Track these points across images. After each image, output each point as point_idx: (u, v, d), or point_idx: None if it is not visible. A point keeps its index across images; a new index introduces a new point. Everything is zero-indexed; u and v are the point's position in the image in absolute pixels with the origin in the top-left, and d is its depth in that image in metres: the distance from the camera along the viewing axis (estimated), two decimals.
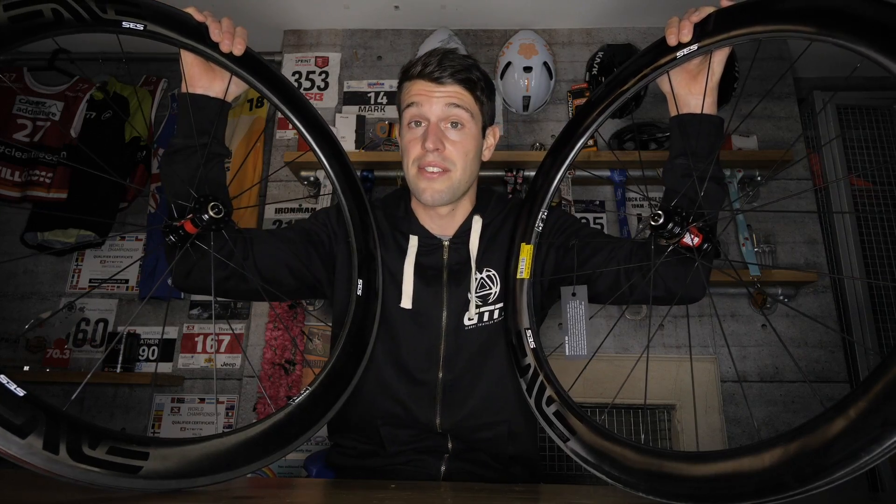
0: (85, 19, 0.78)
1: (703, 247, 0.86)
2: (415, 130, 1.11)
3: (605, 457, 0.77)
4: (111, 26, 0.82)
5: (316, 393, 0.88)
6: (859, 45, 0.68)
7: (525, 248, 1.06)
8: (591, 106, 1.04)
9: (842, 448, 0.56)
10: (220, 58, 0.94)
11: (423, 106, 1.09)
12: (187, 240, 0.89)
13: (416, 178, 1.11)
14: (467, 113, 1.10)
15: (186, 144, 0.97)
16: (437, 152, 1.08)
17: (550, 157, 1.08)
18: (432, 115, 1.09)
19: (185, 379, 2.46)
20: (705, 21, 0.89)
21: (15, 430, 0.59)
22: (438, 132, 1.08)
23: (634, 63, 0.99)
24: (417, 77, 1.10)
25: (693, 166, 0.94)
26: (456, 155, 1.09)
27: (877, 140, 2.58)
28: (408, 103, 1.11)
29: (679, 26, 0.91)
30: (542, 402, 0.90)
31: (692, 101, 0.96)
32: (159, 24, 0.87)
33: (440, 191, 1.09)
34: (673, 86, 0.97)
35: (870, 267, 2.40)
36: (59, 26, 0.76)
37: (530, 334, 0.99)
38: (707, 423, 2.13)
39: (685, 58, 0.91)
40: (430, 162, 1.08)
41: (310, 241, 1.12)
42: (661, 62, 0.94)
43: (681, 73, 0.96)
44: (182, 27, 0.91)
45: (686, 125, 0.97)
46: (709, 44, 0.88)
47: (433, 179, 1.09)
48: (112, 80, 2.71)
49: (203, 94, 0.98)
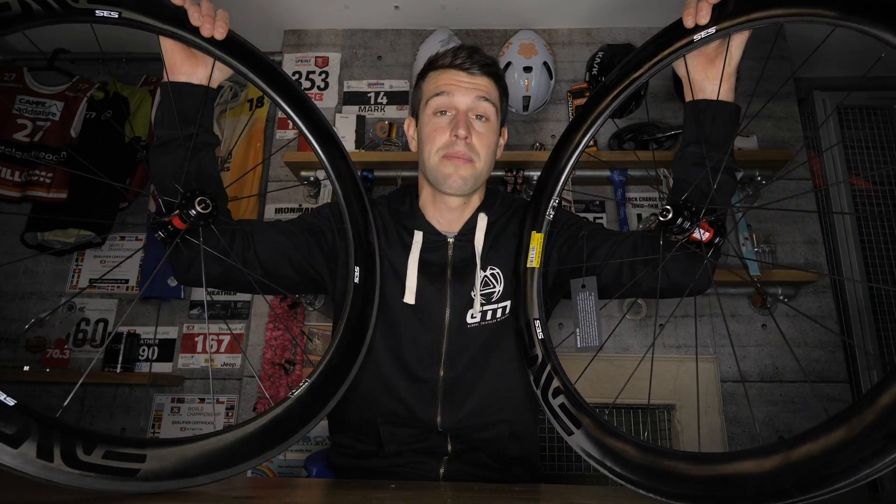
0: (55, 10, 0.76)
1: (713, 242, 0.84)
2: (440, 119, 1.11)
3: (609, 452, 0.77)
4: (84, 16, 0.79)
5: (315, 385, 0.87)
6: (882, 30, 0.65)
7: (535, 236, 1.05)
8: (605, 90, 1.01)
9: (845, 459, 0.56)
10: (201, 42, 0.90)
11: (454, 95, 1.10)
12: (177, 235, 0.87)
13: (441, 165, 1.10)
14: (493, 107, 1.12)
15: (172, 136, 0.93)
16: (466, 141, 1.08)
17: (561, 145, 1.07)
18: (462, 105, 1.10)
19: (185, 379, 2.46)
20: (724, 2, 0.85)
21: (7, 441, 0.58)
22: (468, 121, 1.09)
23: (649, 46, 0.95)
24: (448, 67, 1.11)
25: (707, 155, 0.92)
26: (480, 146, 1.10)
27: (877, 140, 2.58)
28: (436, 92, 1.11)
29: (697, 7, 0.87)
30: (549, 393, 0.90)
31: (708, 86, 0.94)
32: (135, 10, 0.84)
33: (465, 177, 1.10)
34: (689, 70, 0.95)
35: (870, 267, 2.40)
36: (28, 19, 0.74)
37: (539, 325, 0.98)
38: (707, 423, 2.13)
39: (702, 41, 0.87)
40: (458, 151, 1.09)
41: (311, 234, 1.11)
42: (677, 45, 0.90)
43: (697, 57, 0.93)
44: (159, 12, 0.87)
45: (701, 112, 0.94)
46: (727, 27, 0.84)
47: (459, 165, 1.09)
48: (112, 80, 2.71)
49: (186, 81, 0.94)
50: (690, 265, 0.96)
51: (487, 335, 1.10)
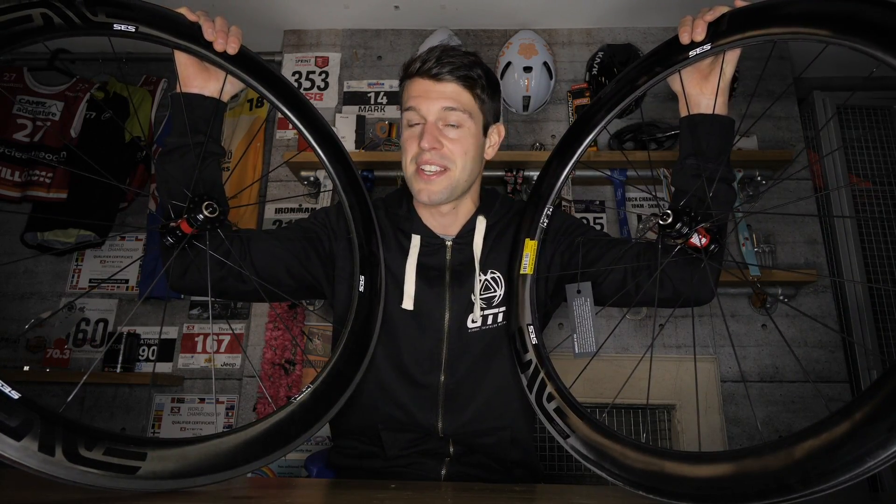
0: (76, 23, 0.78)
1: (710, 248, 0.86)
2: (413, 129, 1.10)
3: (606, 455, 0.77)
4: (102, 29, 0.81)
5: (318, 391, 0.87)
6: (873, 48, 0.68)
7: (529, 243, 1.05)
8: (600, 103, 1.03)
9: (847, 452, 0.56)
10: (214, 57, 0.93)
11: (420, 108, 1.08)
12: (184, 240, 0.88)
13: (414, 178, 1.10)
14: (465, 114, 1.09)
15: (181, 144, 0.95)
16: (435, 151, 1.07)
17: (557, 156, 1.07)
18: (429, 115, 1.08)
19: (185, 379, 2.46)
20: (719, 21, 0.88)
21: (10, 433, 0.59)
22: (436, 131, 1.07)
23: (645, 61, 0.98)
24: (416, 75, 1.09)
25: (703, 167, 0.94)
26: (455, 153, 1.08)
27: (877, 140, 2.58)
28: (407, 106, 1.10)
29: (693, 25, 0.90)
30: (543, 398, 0.90)
31: (703, 101, 0.96)
32: (151, 25, 0.86)
33: (437, 191, 1.08)
34: (684, 85, 0.96)
35: (870, 267, 2.40)
36: (49, 31, 0.76)
37: (532, 330, 0.98)
38: (707, 422, 2.13)
39: (697, 57, 0.90)
40: (428, 160, 1.07)
41: (308, 240, 1.11)
42: (672, 61, 0.93)
43: (693, 73, 0.95)
44: (174, 28, 0.90)
45: (697, 125, 0.96)
46: (722, 44, 0.87)
47: (430, 181, 1.08)
48: (112, 80, 2.71)
49: (198, 93, 0.97)
50: (692, 274, 0.96)
51: (488, 340, 1.09)
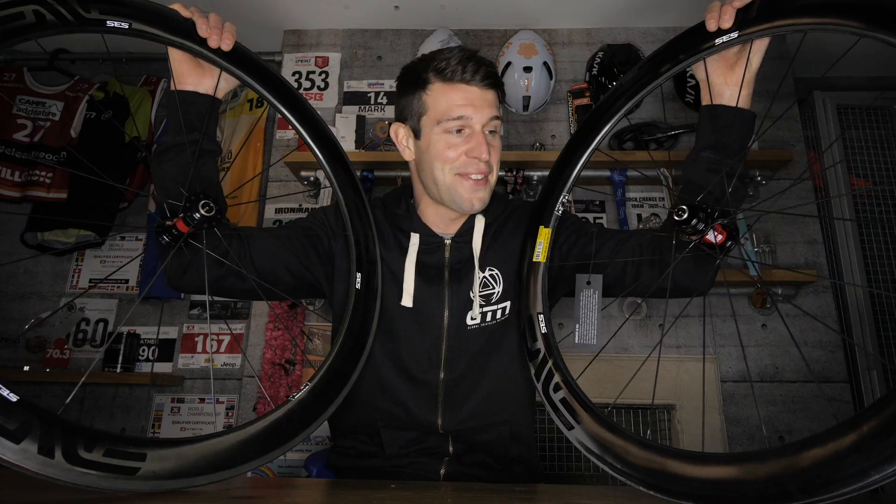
0: (68, 20, 0.77)
1: (725, 244, 0.84)
2: (455, 137, 1.07)
3: (609, 449, 0.77)
4: (96, 26, 0.80)
5: (316, 389, 0.87)
6: None
7: (543, 230, 1.04)
8: (621, 90, 0.99)
9: (852, 464, 0.56)
10: (208, 54, 0.92)
11: (472, 118, 1.06)
12: (180, 239, 0.88)
13: (456, 184, 1.08)
14: (500, 122, 1.11)
15: (176, 142, 0.95)
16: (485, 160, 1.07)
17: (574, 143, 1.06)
18: (479, 125, 1.07)
19: (185, 379, 2.46)
20: (748, 7, 0.84)
21: (8, 436, 0.59)
22: (486, 140, 1.07)
23: (669, 48, 0.95)
24: (459, 81, 1.06)
25: (723, 161, 0.91)
26: (495, 160, 1.10)
27: (877, 140, 2.58)
28: (452, 115, 1.06)
29: (721, 11, 0.86)
30: (550, 388, 0.90)
31: (727, 92, 0.93)
32: (145, 21, 0.85)
33: (485, 198, 1.10)
34: (708, 74, 0.94)
35: (870, 267, 2.40)
36: (41, 28, 0.75)
37: (542, 319, 0.98)
38: (707, 422, 2.13)
39: (724, 45, 0.86)
40: (481, 169, 1.07)
41: (307, 238, 1.11)
42: (698, 48, 0.90)
43: (718, 62, 0.92)
44: (168, 24, 0.89)
45: (718, 117, 0.93)
46: (750, 32, 0.83)
47: (478, 188, 1.08)
48: (112, 80, 2.71)
49: (192, 90, 0.96)
50: (694, 267, 0.95)
51: (487, 336, 1.10)
